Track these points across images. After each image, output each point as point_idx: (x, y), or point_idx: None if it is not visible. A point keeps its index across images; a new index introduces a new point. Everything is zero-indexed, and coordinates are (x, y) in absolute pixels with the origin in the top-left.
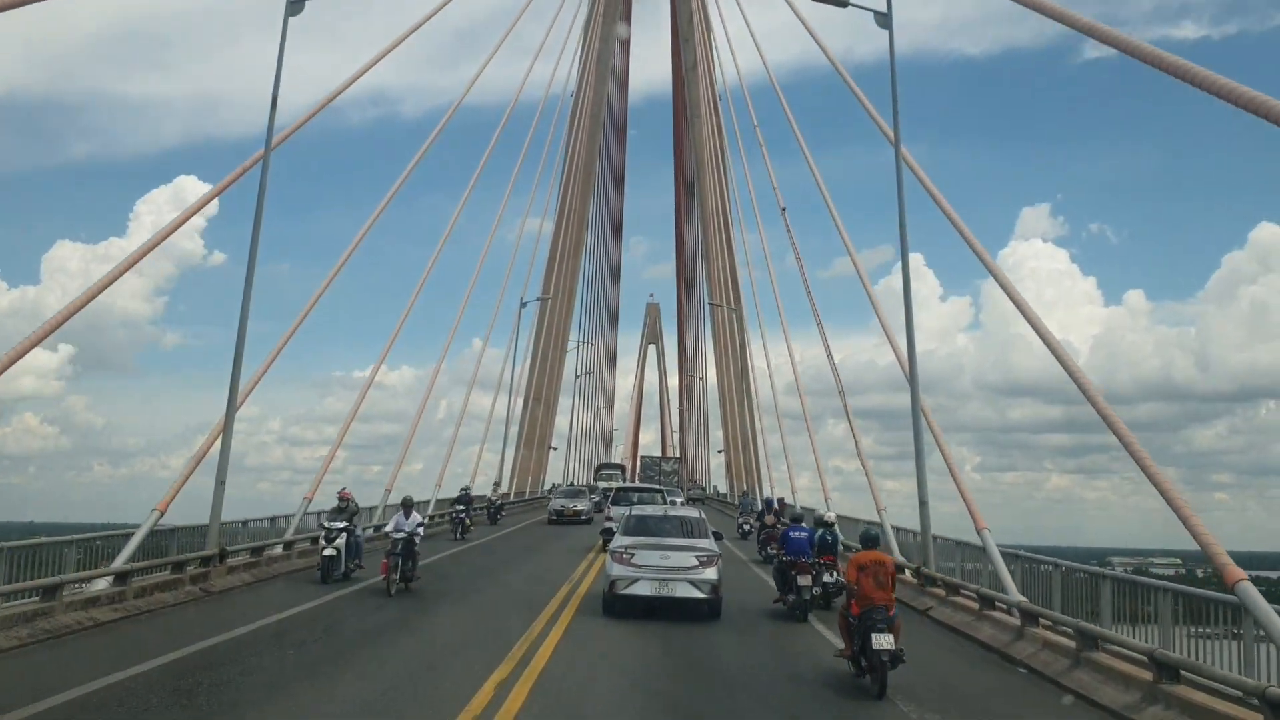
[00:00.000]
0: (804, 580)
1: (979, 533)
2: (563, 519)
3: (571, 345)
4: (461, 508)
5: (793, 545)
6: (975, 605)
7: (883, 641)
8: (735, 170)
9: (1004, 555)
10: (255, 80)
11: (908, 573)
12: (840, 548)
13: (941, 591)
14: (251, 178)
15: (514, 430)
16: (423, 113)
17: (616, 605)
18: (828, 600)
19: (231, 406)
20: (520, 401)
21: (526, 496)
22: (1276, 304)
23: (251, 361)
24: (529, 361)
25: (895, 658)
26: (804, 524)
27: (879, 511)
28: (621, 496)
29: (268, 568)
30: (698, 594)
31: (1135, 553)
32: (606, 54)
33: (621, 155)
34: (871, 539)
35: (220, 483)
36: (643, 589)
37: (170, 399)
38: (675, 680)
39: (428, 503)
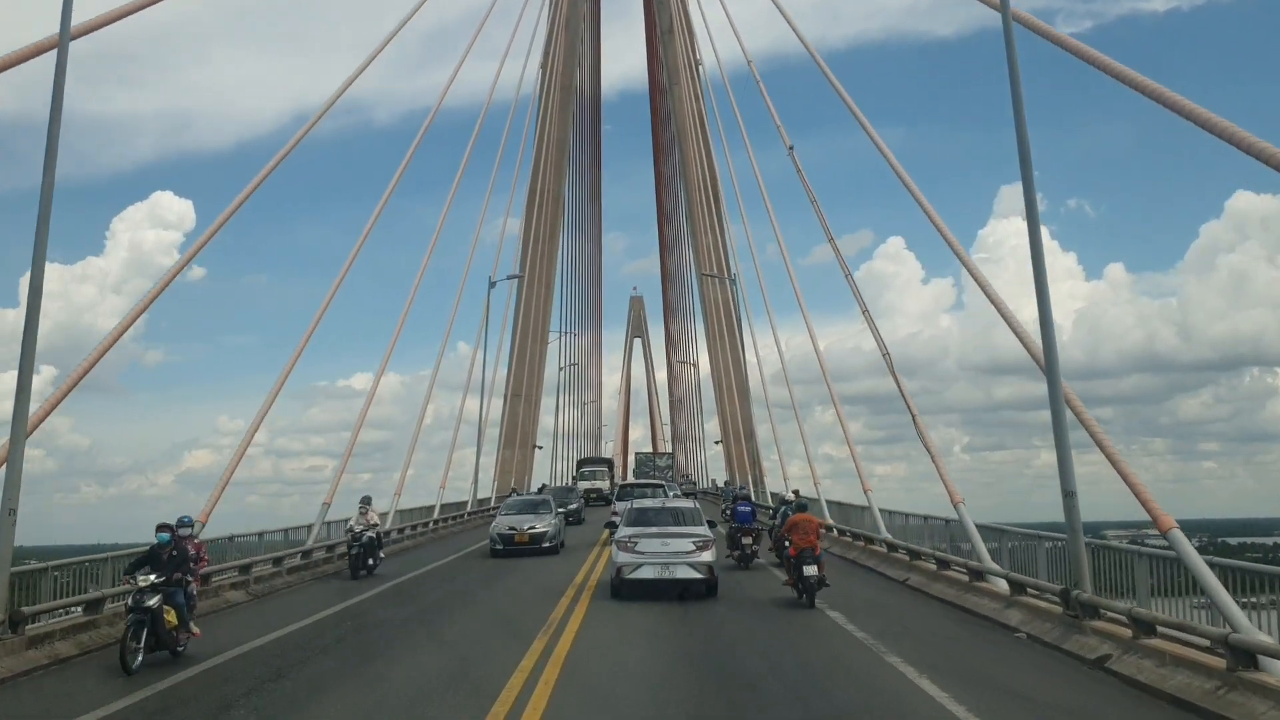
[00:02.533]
0: (746, 540)
1: (1164, 534)
2: (511, 549)
3: (553, 337)
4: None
5: (739, 516)
6: (1220, 662)
7: (810, 570)
8: (720, 136)
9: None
10: (227, 94)
11: (1028, 593)
12: None
13: (1123, 629)
14: (229, 193)
15: (493, 429)
16: (397, 118)
17: (623, 590)
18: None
19: (20, 419)
20: (499, 398)
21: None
22: (1255, 271)
23: (235, 374)
24: (508, 355)
25: (820, 581)
26: (748, 501)
27: (956, 505)
28: (625, 493)
29: (110, 629)
30: (696, 575)
31: (1129, 525)
32: (576, 20)
33: (597, 135)
34: (801, 506)
35: (10, 511)
36: (647, 573)
37: (155, 417)
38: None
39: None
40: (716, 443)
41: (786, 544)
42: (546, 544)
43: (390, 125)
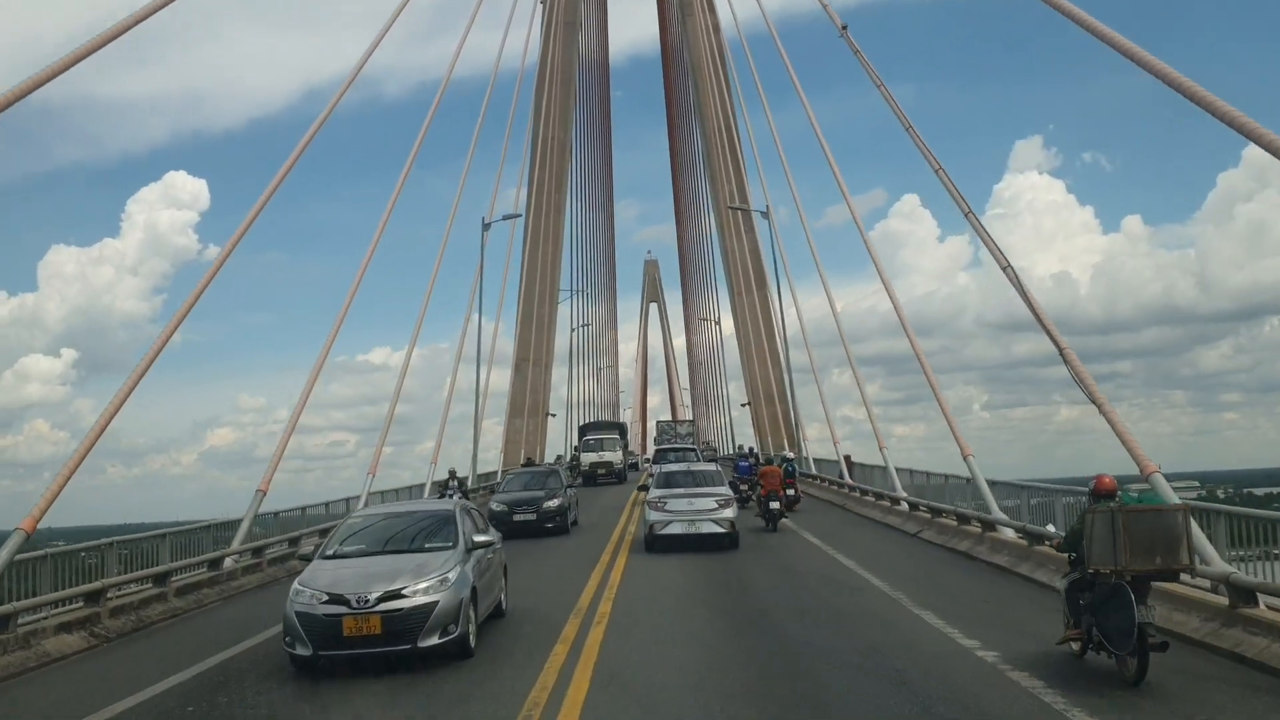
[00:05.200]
0: (743, 487)
1: None
2: (338, 649)
3: (564, 296)
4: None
5: (739, 470)
6: None
7: (773, 505)
8: (747, 60)
9: None
10: (240, 73)
11: None
12: (797, 473)
13: None
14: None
15: (487, 399)
16: (407, 91)
17: (656, 544)
18: (790, 504)
19: None
20: (509, 367)
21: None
22: (1274, 220)
23: (254, 352)
24: (514, 316)
25: (780, 513)
26: (747, 458)
27: (1150, 476)
28: (660, 457)
29: None
30: (719, 529)
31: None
32: None
33: (606, 92)
34: (769, 460)
35: None
36: (675, 529)
37: (176, 396)
38: None
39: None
40: (743, 405)
41: (759, 488)
42: (434, 638)
43: (401, 99)
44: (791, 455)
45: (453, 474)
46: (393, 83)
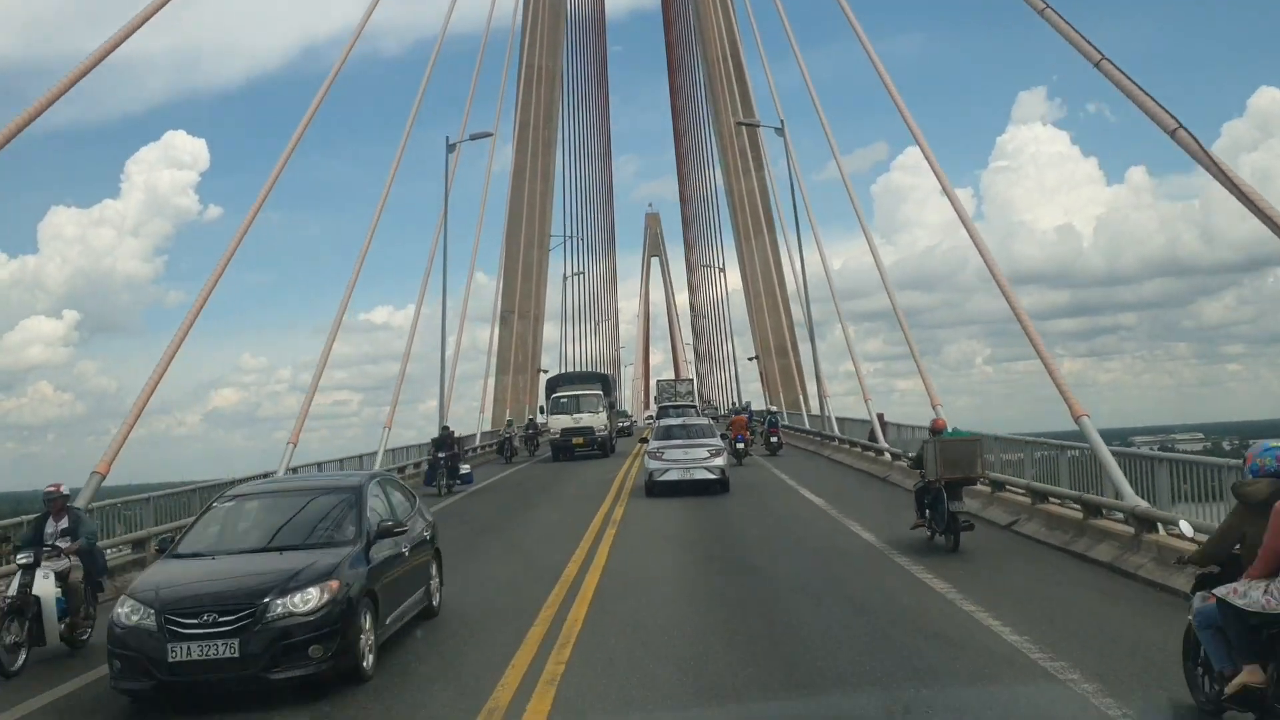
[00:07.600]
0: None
1: None
2: None
3: (555, 243)
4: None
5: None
6: None
7: (738, 446)
8: None
9: None
10: (235, 30)
11: None
12: (779, 424)
13: None
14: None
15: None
16: (405, 47)
17: (655, 490)
18: (774, 450)
19: None
20: (484, 315)
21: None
22: (1278, 169)
23: (256, 312)
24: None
25: (745, 452)
26: (746, 410)
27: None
28: (662, 413)
29: None
30: (710, 476)
31: (1156, 430)
32: None
33: (601, 31)
34: (738, 410)
35: None
36: (672, 475)
37: (179, 357)
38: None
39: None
40: (750, 358)
41: (729, 432)
42: None
43: (399, 55)
44: (775, 409)
45: (54, 499)
46: (391, 39)
